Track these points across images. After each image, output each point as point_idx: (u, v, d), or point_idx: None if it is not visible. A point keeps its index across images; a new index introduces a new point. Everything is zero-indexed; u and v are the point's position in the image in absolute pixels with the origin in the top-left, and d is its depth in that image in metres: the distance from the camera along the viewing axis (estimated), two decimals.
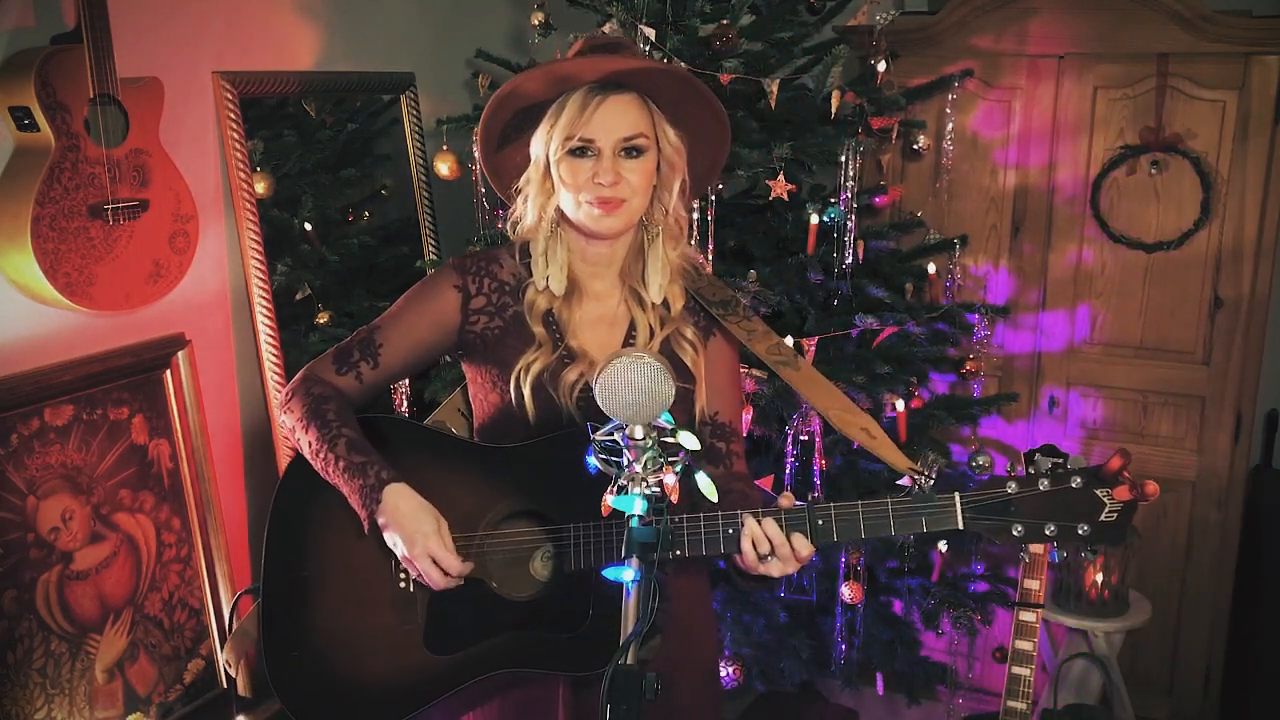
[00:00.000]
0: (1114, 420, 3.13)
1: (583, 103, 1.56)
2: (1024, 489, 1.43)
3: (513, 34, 3.36)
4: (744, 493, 1.69)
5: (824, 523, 1.49)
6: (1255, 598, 3.08)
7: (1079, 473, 1.41)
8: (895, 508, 1.47)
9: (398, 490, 1.55)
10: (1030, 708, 2.34)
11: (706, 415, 1.72)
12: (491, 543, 1.61)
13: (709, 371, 1.71)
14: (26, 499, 2.23)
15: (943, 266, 2.93)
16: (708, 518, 1.51)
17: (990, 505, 1.44)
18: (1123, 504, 1.40)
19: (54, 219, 2.12)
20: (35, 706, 2.24)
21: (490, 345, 1.68)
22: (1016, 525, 1.43)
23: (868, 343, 2.59)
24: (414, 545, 1.53)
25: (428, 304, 1.70)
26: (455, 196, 3.29)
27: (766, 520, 1.50)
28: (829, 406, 1.70)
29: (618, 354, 1.24)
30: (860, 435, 1.68)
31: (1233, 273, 2.93)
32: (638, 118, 1.58)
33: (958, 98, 2.98)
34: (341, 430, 1.59)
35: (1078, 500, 1.41)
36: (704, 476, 1.34)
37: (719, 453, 1.73)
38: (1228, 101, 2.86)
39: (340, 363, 1.68)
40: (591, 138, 1.56)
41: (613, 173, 1.56)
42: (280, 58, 2.78)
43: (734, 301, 1.73)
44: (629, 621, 1.20)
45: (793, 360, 1.72)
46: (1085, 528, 1.41)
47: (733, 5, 2.49)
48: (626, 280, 1.69)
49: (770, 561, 1.50)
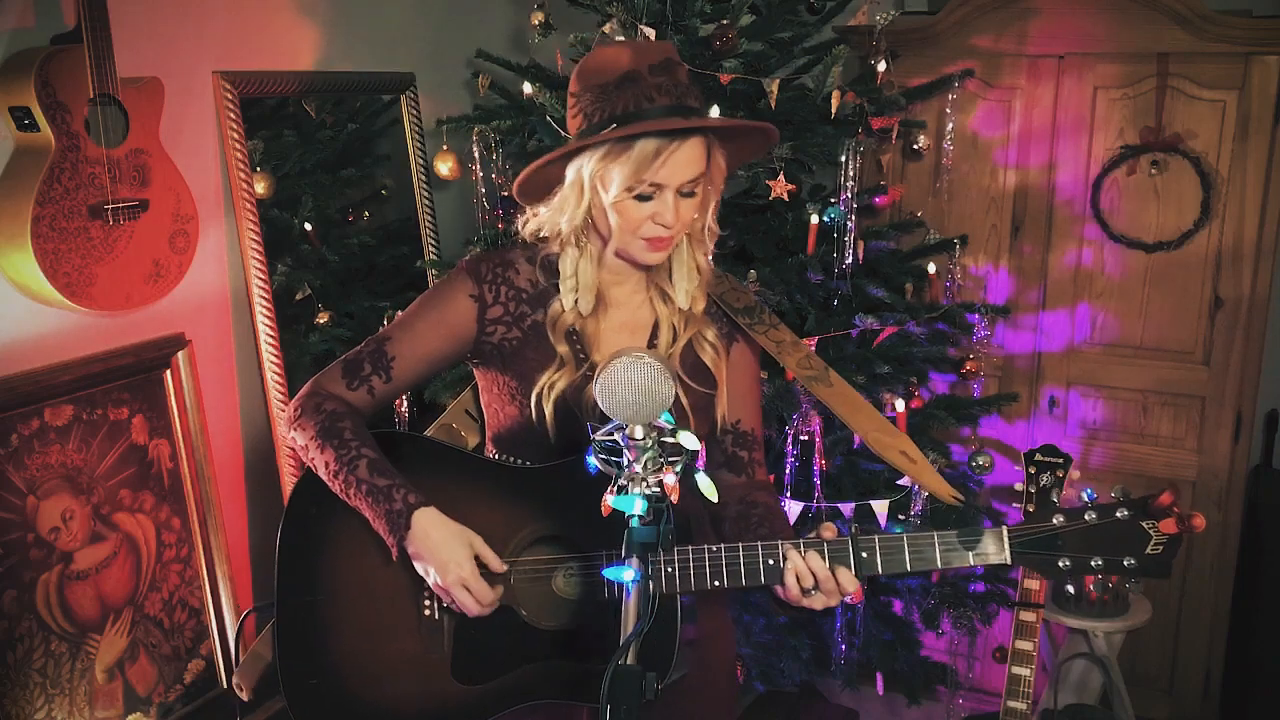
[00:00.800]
0: (1114, 420, 3.13)
1: (656, 150, 1.48)
2: (1070, 522, 1.41)
3: (513, 34, 3.36)
4: (769, 506, 1.65)
5: (868, 555, 1.45)
6: (1255, 598, 3.07)
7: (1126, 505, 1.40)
8: (942, 540, 1.44)
9: (427, 515, 1.49)
10: (1030, 708, 2.34)
11: (728, 423, 1.67)
12: (520, 569, 1.55)
13: (730, 377, 1.67)
14: (26, 499, 2.23)
15: (943, 266, 2.92)
16: (747, 547, 1.46)
17: (1037, 539, 1.42)
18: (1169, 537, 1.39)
19: (54, 219, 2.12)
20: (35, 706, 2.24)
21: (508, 356, 1.62)
22: (1063, 559, 1.41)
23: (868, 343, 2.59)
24: (447, 574, 1.48)
25: (441, 314, 1.63)
26: (455, 196, 3.29)
27: (810, 553, 1.44)
28: (865, 428, 1.65)
29: (618, 354, 1.24)
30: (899, 459, 1.64)
31: (1233, 273, 2.93)
32: (698, 157, 1.52)
33: (958, 98, 2.97)
34: (361, 450, 1.53)
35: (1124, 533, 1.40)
36: (704, 476, 1.33)
37: (741, 461, 1.68)
38: (1228, 101, 2.86)
39: (350, 376, 1.62)
40: (659, 183, 1.50)
41: (673, 213, 1.51)
42: (280, 58, 2.78)
43: (758, 308, 1.68)
44: (629, 621, 1.20)
45: (825, 375, 1.67)
46: (1131, 560, 1.40)
47: (733, 5, 2.49)
48: (654, 280, 1.64)
49: (814, 595, 1.46)
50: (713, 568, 1.45)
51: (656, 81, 1.50)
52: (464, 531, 1.51)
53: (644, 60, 1.51)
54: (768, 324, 1.66)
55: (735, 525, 1.63)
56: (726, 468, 1.69)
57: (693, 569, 1.45)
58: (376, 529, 1.52)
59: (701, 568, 1.45)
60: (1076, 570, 1.41)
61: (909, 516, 2.64)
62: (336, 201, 2.98)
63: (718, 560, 1.45)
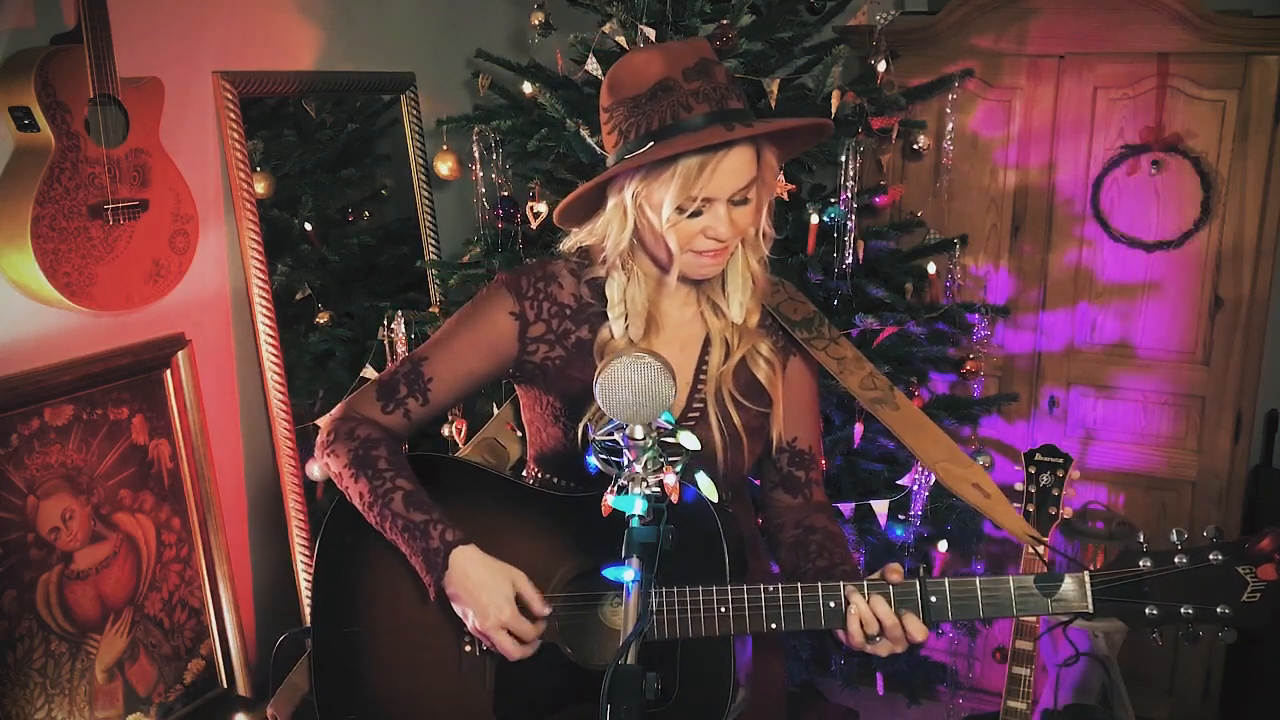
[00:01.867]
0: (1114, 420, 3.13)
1: (700, 165, 1.39)
2: (1159, 566, 1.31)
3: (513, 34, 3.36)
4: (829, 532, 1.57)
5: (938, 600, 1.35)
6: None
7: (1220, 548, 1.30)
8: (1018, 586, 1.33)
9: (466, 555, 1.42)
10: (1030, 708, 2.34)
11: (784, 441, 1.60)
12: (564, 605, 1.48)
13: (786, 392, 1.59)
14: (26, 499, 2.23)
15: (943, 266, 2.92)
16: (806, 589, 1.37)
17: (1122, 586, 1.32)
18: (1267, 584, 1.29)
19: (54, 219, 2.12)
20: (35, 706, 2.24)
21: (551, 375, 1.54)
22: (1150, 607, 1.31)
23: (868, 343, 2.58)
24: (486, 618, 1.41)
25: (480, 333, 1.54)
26: (455, 196, 3.29)
27: (875, 598, 1.35)
28: (934, 458, 1.53)
29: (618, 353, 1.23)
30: (971, 493, 1.51)
31: (1233, 273, 2.93)
32: (750, 165, 1.43)
33: (958, 98, 2.97)
34: (396, 482, 1.46)
35: (1217, 578, 1.29)
36: (703, 476, 1.33)
37: (798, 481, 1.62)
38: (1228, 101, 2.86)
39: (386, 399, 1.54)
40: (710, 196, 1.41)
41: (727, 225, 1.42)
42: (280, 58, 2.78)
43: (817, 320, 1.57)
44: (629, 622, 1.19)
45: (890, 397, 1.55)
46: (1225, 609, 1.30)
47: (733, 5, 2.49)
48: (705, 292, 1.56)
49: (879, 642, 1.37)
50: (769, 610, 1.38)
51: (693, 88, 1.40)
52: (505, 570, 1.44)
53: (678, 65, 1.41)
54: (828, 338, 1.56)
55: (792, 552, 1.57)
56: (782, 487, 1.63)
57: (748, 610, 1.38)
58: (413, 565, 1.46)
59: (758, 609, 1.38)
60: (1164, 620, 1.31)
61: (909, 516, 2.64)
62: (336, 201, 2.98)
63: (775, 601, 1.38)
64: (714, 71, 1.43)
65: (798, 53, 2.66)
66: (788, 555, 1.58)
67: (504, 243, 2.70)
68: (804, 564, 1.54)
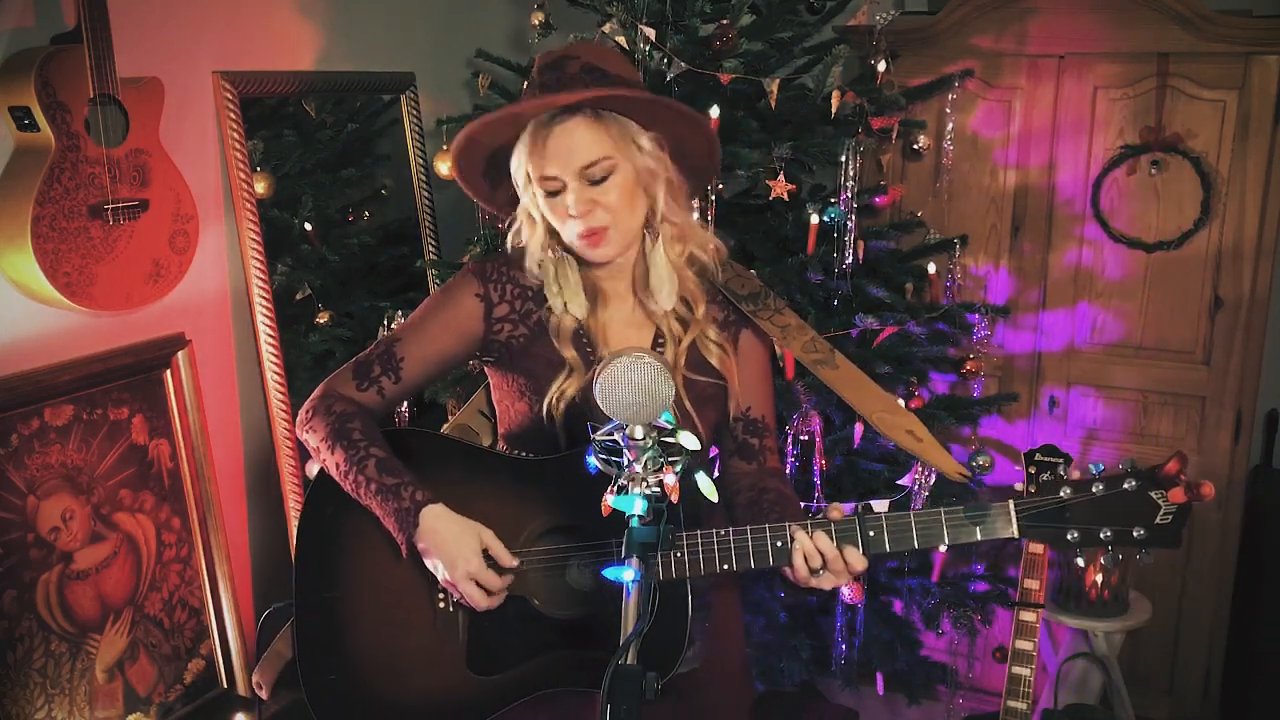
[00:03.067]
0: (1114, 420, 3.13)
1: (533, 139, 1.51)
2: (1078, 494, 1.40)
3: (513, 34, 3.36)
4: (781, 493, 1.64)
5: (876, 534, 1.45)
6: (1255, 598, 3.07)
7: (1133, 475, 1.39)
8: (949, 517, 1.43)
9: (435, 512, 1.51)
10: (1030, 708, 2.34)
11: (739, 410, 1.68)
12: (532, 559, 1.56)
13: (740, 366, 1.67)
14: (26, 499, 2.23)
15: (943, 266, 2.92)
16: (755, 530, 1.46)
17: (1045, 512, 1.41)
18: (1178, 506, 1.38)
19: (54, 219, 2.12)
20: (35, 706, 2.24)
21: (515, 354, 1.63)
22: (1071, 531, 1.40)
23: (868, 343, 2.58)
24: (455, 568, 1.49)
25: (449, 314, 1.64)
26: (455, 196, 3.29)
27: (817, 533, 1.45)
28: (871, 408, 1.64)
29: (618, 353, 1.24)
30: (905, 438, 1.62)
31: (1233, 273, 2.93)
32: (593, 139, 1.50)
33: (958, 98, 2.97)
34: (370, 450, 1.54)
35: (1133, 503, 1.39)
36: (704, 477, 1.33)
37: (752, 449, 1.68)
38: (1228, 101, 2.86)
39: (360, 378, 1.63)
40: (553, 174, 1.51)
41: (584, 203, 1.51)
42: (280, 58, 2.78)
43: (763, 294, 1.66)
44: (629, 621, 1.20)
45: (830, 358, 1.65)
46: (1141, 531, 1.39)
47: (733, 5, 2.49)
48: (637, 292, 1.64)
49: (822, 575, 1.46)
50: (721, 551, 1.46)
51: (542, 80, 1.53)
52: (472, 525, 1.51)
53: (543, 61, 1.56)
54: (773, 309, 1.65)
55: (746, 512, 1.63)
56: (738, 455, 1.69)
57: (702, 552, 1.46)
58: (387, 526, 1.53)
59: (711, 551, 1.46)
60: (1085, 542, 1.40)
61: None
62: (336, 201, 2.98)
63: (726, 543, 1.46)
64: (567, 66, 1.53)
65: (798, 53, 2.67)
66: (742, 515, 1.64)
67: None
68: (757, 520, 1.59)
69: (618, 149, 1.52)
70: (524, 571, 1.55)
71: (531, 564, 1.56)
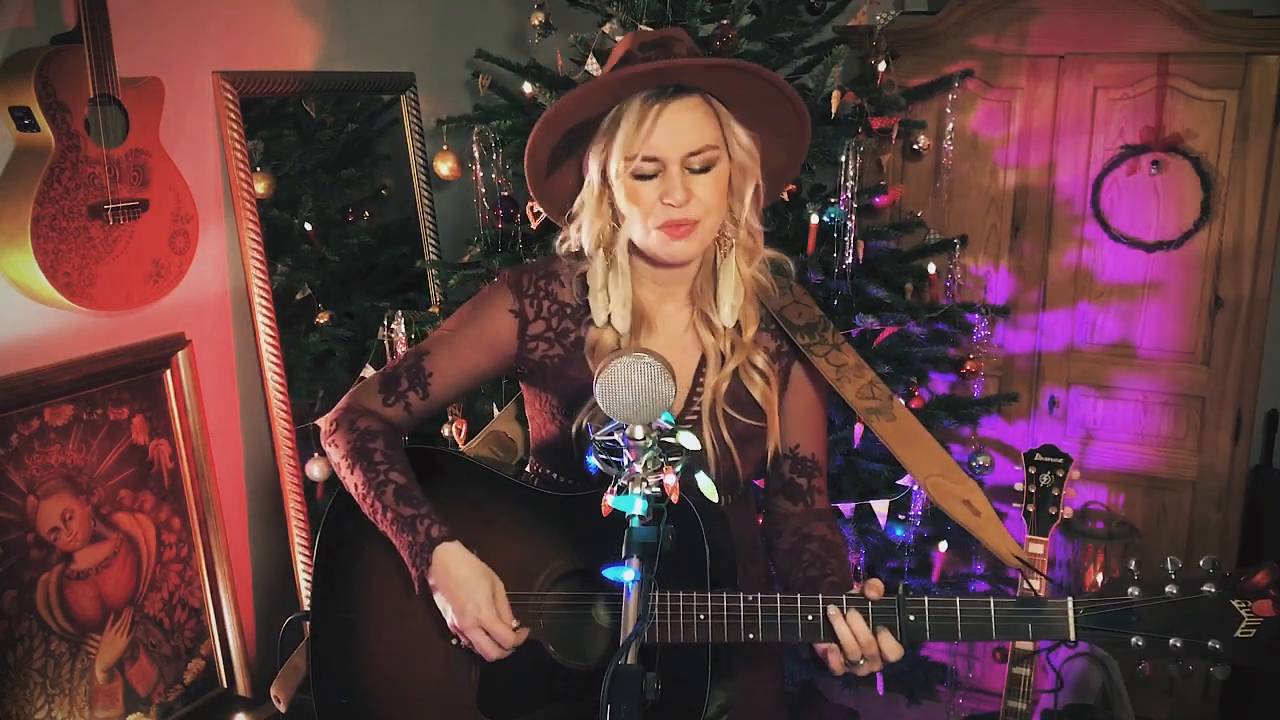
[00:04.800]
0: (1114, 420, 3.13)
1: (640, 115, 1.37)
2: (1148, 595, 1.25)
3: (513, 34, 3.36)
4: (826, 542, 1.54)
5: (916, 619, 1.32)
6: None
7: (1214, 579, 1.24)
8: (999, 609, 1.29)
9: (449, 552, 1.43)
10: (1030, 708, 2.34)
11: (785, 448, 1.58)
12: (549, 604, 1.49)
13: (789, 398, 1.57)
14: (26, 499, 2.23)
15: (943, 266, 2.92)
16: (785, 601, 1.35)
17: (1108, 614, 1.26)
18: (1263, 620, 1.22)
19: (54, 219, 2.12)
20: (35, 706, 2.24)
21: (550, 375, 1.54)
22: (1136, 638, 1.25)
23: (868, 343, 2.58)
24: (464, 616, 1.42)
25: (481, 330, 1.55)
26: (455, 196, 3.29)
27: (852, 615, 1.33)
28: (926, 471, 1.49)
29: (618, 353, 1.23)
30: (960, 510, 1.47)
31: (1233, 273, 2.93)
32: (704, 125, 1.40)
33: (958, 98, 2.97)
34: (389, 475, 1.47)
35: (1210, 611, 1.23)
36: (703, 476, 1.32)
37: (799, 489, 1.59)
38: (1228, 101, 2.86)
39: (387, 392, 1.55)
40: (655, 155, 1.38)
41: (682, 190, 1.38)
42: (280, 58, 2.78)
43: (821, 325, 1.54)
44: (629, 622, 1.19)
45: (888, 407, 1.51)
46: (1216, 644, 1.23)
47: (733, 5, 2.48)
48: (696, 302, 1.53)
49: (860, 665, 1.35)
50: (748, 620, 1.35)
51: (646, 55, 1.41)
52: (486, 574, 1.44)
53: (638, 41, 1.44)
54: (830, 344, 1.52)
55: (786, 560, 1.56)
56: (783, 494, 1.61)
57: (726, 619, 1.36)
58: (402, 557, 1.47)
59: (736, 618, 1.36)
60: (1151, 651, 1.25)
61: (909, 516, 2.64)
62: (336, 201, 2.98)
63: (754, 612, 1.35)
64: (673, 46, 1.43)
65: (798, 53, 2.66)
66: (782, 562, 1.57)
67: (504, 243, 2.70)
68: (795, 573, 1.53)
69: (723, 140, 1.42)
70: (540, 616, 1.48)
71: (548, 610, 1.49)
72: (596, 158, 1.44)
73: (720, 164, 1.42)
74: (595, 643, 1.50)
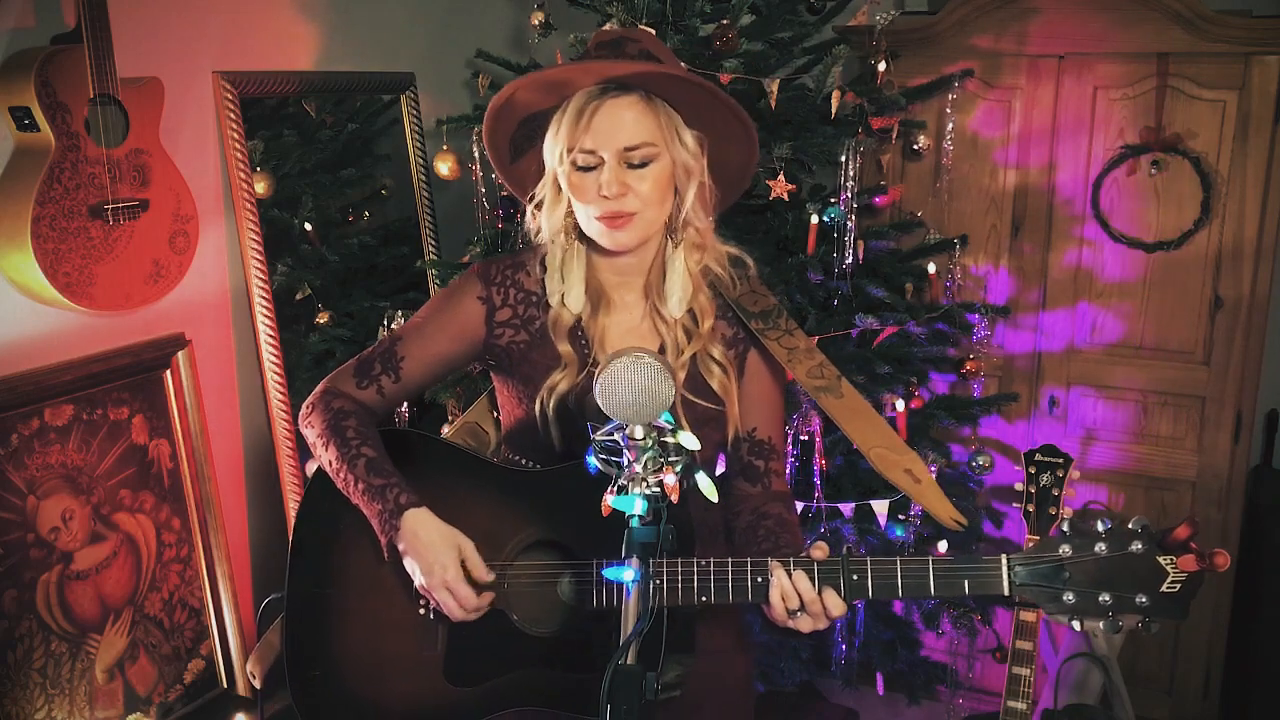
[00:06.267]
0: (1114, 420, 3.13)
1: (579, 109, 1.45)
2: (1079, 553, 1.30)
3: (513, 34, 3.36)
4: (780, 519, 1.60)
5: (859, 579, 1.38)
6: (1255, 598, 3.07)
7: (1141, 536, 1.28)
8: (936, 567, 1.36)
9: (417, 516, 1.49)
10: (1030, 708, 2.34)
11: (742, 431, 1.63)
12: (513, 573, 1.53)
13: (747, 383, 1.62)
14: (26, 499, 2.23)
15: (943, 266, 2.93)
16: (736, 563, 1.41)
17: (1041, 570, 1.31)
18: (1188, 574, 1.26)
19: (54, 219, 2.12)
20: (35, 706, 2.24)
21: (516, 360, 1.61)
22: (1068, 593, 1.30)
23: (868, 343, 2.59)
24: (431, 575, 1.47)
25: (451, 316, 1.62)
26: (455, 196, 3.29)
27: (797, 573, 1.39)
28: (870, 443, 1.56)
29: (618, 353, 1.23)
30: (902, 478, 1.55)
31: (1233, 273, 2.93)
32: (641, 122, 1.46)
33: (958, 98, 2.97)
34: (361, 449, 1.53)
35: (1138, 567, 1.28)
36: (704, 476, 1.32)
37: (756, 470, 1.64)
38: (1228, 101, 2.86)
39: (361, 375, 1.62)
40: (592, 148, 1.45)
41: (617, 184, 1.45)
42: (280, 58, 2.78)
43: (775, 312, 1.61)
44: (629, 622, 1.20)
45: (836, 386, 1.58)
46: (1144, 598, 1.28)
47: (733, 5, 2.49)
48: (649, 295, 1.59)
49: (799, 617, 1.40)
50: (700, 582, 1.41)
51: (599, 54, 1.49)
52: (453, 534, 1.49)
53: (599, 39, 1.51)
54: (782, 329, 1.59)
55: (743, 536, 1.60)
56: (742, 476, 1.65)
57: (681, 582, 1.41)
58: (373, 526, 1.52)
59: (690, 582, 1.41)
60: (1082, 607, 1.30)
61: (909, 516, 2.64)
62: (336, 201, 2.98)
63: (705, 575, 1.41)
64: (625, 46, 1.49)
65: (798, 53, 2.67)
66: (739, 540, 1.61)
67: (504, 243, 2.70)
68: (750, 547, 1.57)
69: (663, 138, 1.48)
70: (505, 585, 1.52)
71: (513, 578, 1.53)
72: (548, 148, 1.51)
73: (659, 161, 1.48)
74: (558, 612, 1.53)
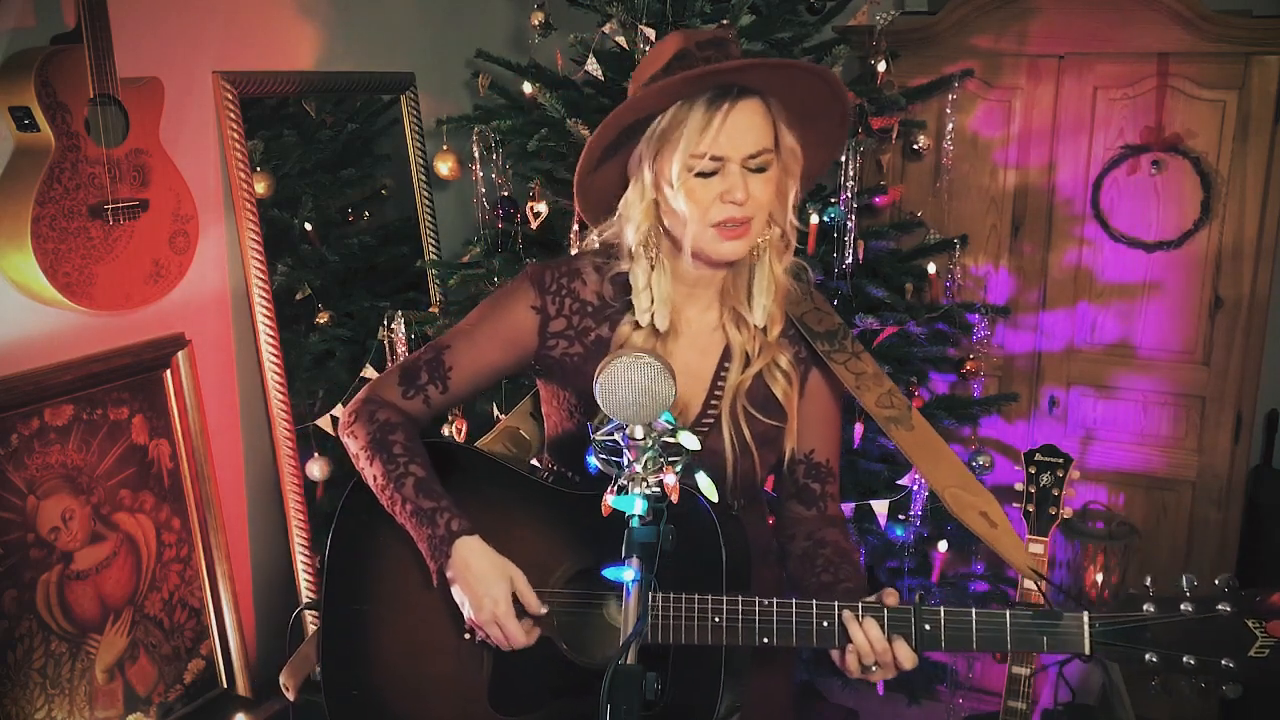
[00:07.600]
0: (1114, 420, 3.13)
1: (707, 115, 1.38)
2: (1163, 613, 1.26)
3: (513, 34, 3.36)
4: (839, 547, 1.55)
5: (931, 629, 1.32)
6: None
7: (1229, 598, 1.25)
8: (1015, 623, 1.29)
9: (469, 545, 1.43)
10: (1030, 708, 2.34)
11: (799, 453, 1.58)
12: (561, 602, 1.49)
13: (806, 403, 1.57)
14: (26, 499, 2.23)
15: (943, 266, 2.93)
16: (800, 607, 1.35)
17: (1123, 630, 1.27)
18: (1276, 640, 1.24)
19: (54, 219, 2.12)
20: (35, 706, 2.24)
21: (569, 372, 1.55)
22: (1150, 654, 1.26)
23: (868, 343, 2.58)
24: (481, 610, 1.42)
25: (501, 325, 1.55)
26: (455, 196, 3.29)
27: (867, 620, 1.33)
28: (944, 482, 1.50)
29: (618, 353, 1.23)
30: (977, 521, 1.48)
31: (1233, 273, 2.93)
32: (765, 127, 1.41)
33: (958, 98, 2.97)
34: (409, 468, 1.47)
35: (1224, 630, 1.25)
36: (703, 476, 1.32)
37: (812, 494, 1.59)
38: (1228, 101, 2.86)
39: (407, 385, 1.55)
40: (722, 155, 1.39)
41: (744, 190, 1.39)
42: (280, 58, 2.78)
43: (840, 333, 1.55)
44: (629, 622, 1.20)
45: (906, 416, 1.52)
46: (1229, 662, 1.25)
47: (733, 5, 2.48)
48: (727, 300, 1.53)
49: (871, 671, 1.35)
50: (763, 623, 1.36)
51: (705, 55, 1.41)
52: (505, 565, 1.44)
53: (693, 39, 1.44)
54: (849, 352, 1.53)
55: (799, 563, 1.56)
56: (797, 499, 1.61)
57: (742, 623, 1.36)
58: (420, 549, 1.47)
59: (751, 622, 1.36)
60: (1164, 668, 1.26)
61: (909, 516, 2.64)
62: (336, 201, 2.98)
63: (769, 616, 1.36)
64: (729, 47, 1.43)
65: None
66: (795, 566, 1.57)
67: (504, 243, 2.70)
68: (809, 577, 1.53)
69: (776, 140, 1.43)
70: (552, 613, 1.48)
71: (561, 606, 1.49)
72: (648, 156, 1.43)
73: (773, 166, 1.43)
74: (607, 641, 1.50)
